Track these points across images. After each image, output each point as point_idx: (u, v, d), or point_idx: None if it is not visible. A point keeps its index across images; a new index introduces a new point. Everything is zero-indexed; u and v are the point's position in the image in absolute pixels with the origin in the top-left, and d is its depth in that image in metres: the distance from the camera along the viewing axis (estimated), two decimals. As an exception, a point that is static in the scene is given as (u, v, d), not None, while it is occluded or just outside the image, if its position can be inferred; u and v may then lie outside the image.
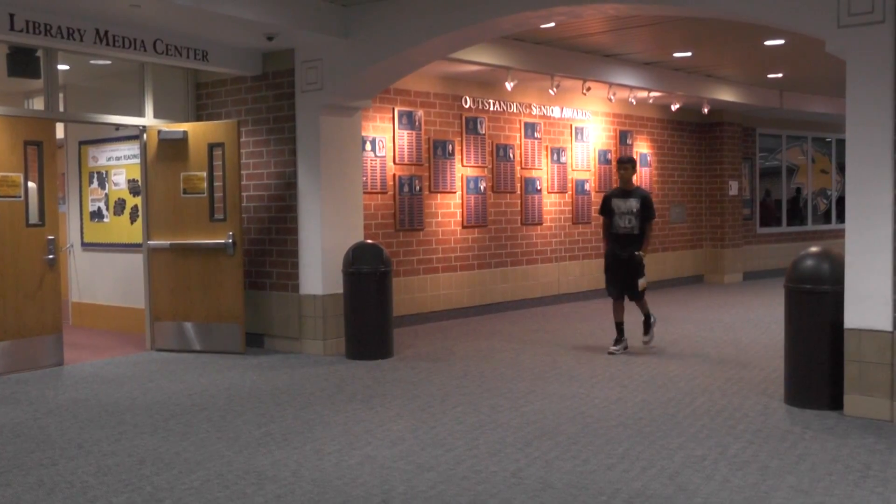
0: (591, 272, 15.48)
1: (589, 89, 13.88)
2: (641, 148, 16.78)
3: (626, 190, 10.22)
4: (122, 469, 5.93)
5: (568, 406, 7.46)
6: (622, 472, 5.64)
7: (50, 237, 9.65)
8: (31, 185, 9.57)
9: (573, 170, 15.18)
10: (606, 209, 10.25)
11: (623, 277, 10.11)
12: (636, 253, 10.00)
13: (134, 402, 7.97)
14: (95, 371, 9.46)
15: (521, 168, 14.20)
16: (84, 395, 8.27)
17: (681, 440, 6.38)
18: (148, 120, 10.60)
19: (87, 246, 12.91)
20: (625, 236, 10.08)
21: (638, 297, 10.17)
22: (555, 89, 13.27)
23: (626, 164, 10.31)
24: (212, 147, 10.31)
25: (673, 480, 5.48)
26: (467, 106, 13.26)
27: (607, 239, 10.32)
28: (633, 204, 10.06)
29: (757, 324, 12.29)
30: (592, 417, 7.07)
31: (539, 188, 14.49)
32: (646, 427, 6.76)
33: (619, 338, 10.17)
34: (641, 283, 10.06)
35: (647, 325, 10.41)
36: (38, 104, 11.11)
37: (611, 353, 9.98)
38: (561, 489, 5.33)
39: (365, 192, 11.34)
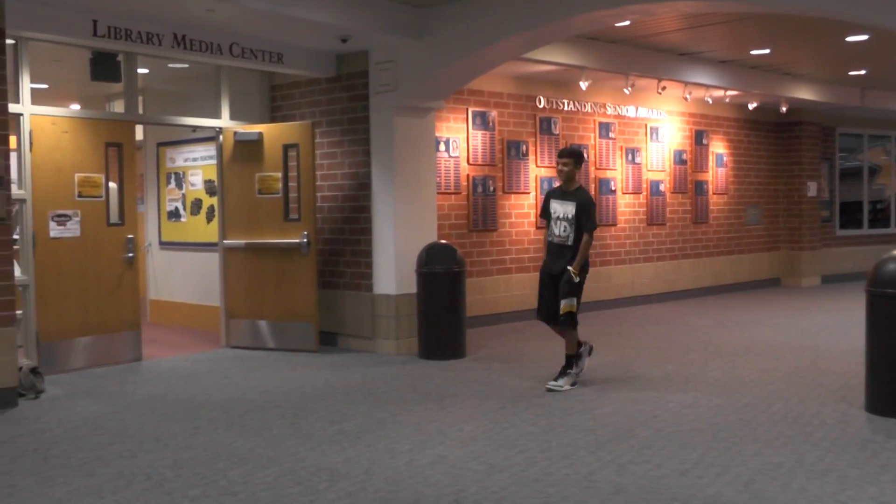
0: (666, 274, 15.34)
1: (664, 88, 13.75)
2: (717, 148, 16.56)
3: (566, 191, 8.45)
4: (198, 463, 6.02)
5: (640, 409, 7.39)
6: (696, 478, 5.57)
7: (129, 236, 9.84)
8: (111, 185, 9.77)
9: (648, 170, 15.03)
10: (545, 212, 8.61)
11: (553, 296, 8.38)
12: (567, 268, 8.27)
13: (209, 397, 8.09)
14: (172, 367, 9.62)
15: (596, 168, 14.10)
16: (161, 390, 8.43)
17: (756, 447, 6.27)
18: (224, 122, 10.75)
19: (164, 245, 13.14)
20: (558, 247, 8.44)
21: (560, 324, 8.31)
22: (629, 88, 13.16)
23: (564, 157, 8.47)
24: (287, 148, 10.42)
25: (748, 488, 5.38)
26: (541, 106, 13.22)
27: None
28: (570, 209, 8.32)
29: (836, 329, 12.03)
30: (665, 422, 6.99)
31: (613, 189, 14.38)
32: (720, 432, 6.65)
33: (563, 369, 8.42)
34: (565, 305, 8.18)
35: (565, 367, 8.35)
36: (118, 107, 11.37)
37: (549, 390, 8.18)
38: (633, 493, 5.28)
39: (438, 193, 11.36)
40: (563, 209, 8.36)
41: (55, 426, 7.12)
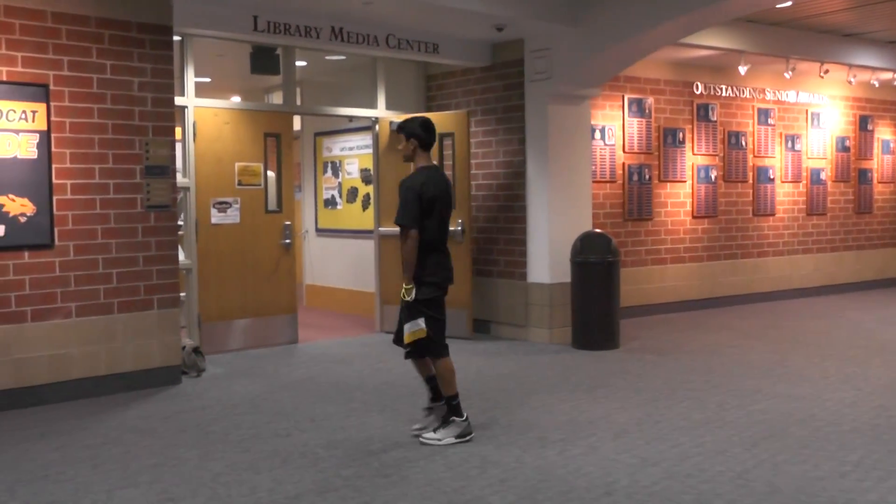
0: (826, 267, 14.83)
1: (827, 72, 13.26)
2: (884, 134, 15.88)
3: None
4: (351, 444, 6.16)
5: (798, 407, 7.16)
6: (856, 482, 5.35)
7: (287, 223, 10.12)
8: (270, 174, 10.06)
9: (808, 158, 14.54)
10: None
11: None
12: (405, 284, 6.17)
13: (363, 381, 8.24)
14: (327, 350, 9.85)
15: (754, 156, 13.74)
16: (316, 373, 8.64)
17: (923, 450, 5.99)
18: (380, 111, 10.91)
19: (320, 232, 13.45)
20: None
21: (408, 353, 6.31)
22: (790, 73, 12.77)
23: (398, 133, 6.44)
24: (442, 137, 10.49)
25: (914, 492, 5.15)
26: (698, 92, 12.95)
27: None
28: None
29: None
30: (824, 421, 6.74)
31: (772, 177, 13.97)
32: (883, 434, 6.37)
33: (432, 399, 6.45)
34: (409, 331, 6.13)
35: (445, 419, 6.27)
36: (276, 99, 11.69)
37: (420, 439, 6.26)
38: (789, 495, 5.11)
39: (594, 181, 11.27)
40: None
41: (215, 403, 7.42)
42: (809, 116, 14.53)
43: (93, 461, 5.86)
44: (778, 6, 10.04)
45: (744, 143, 13.55)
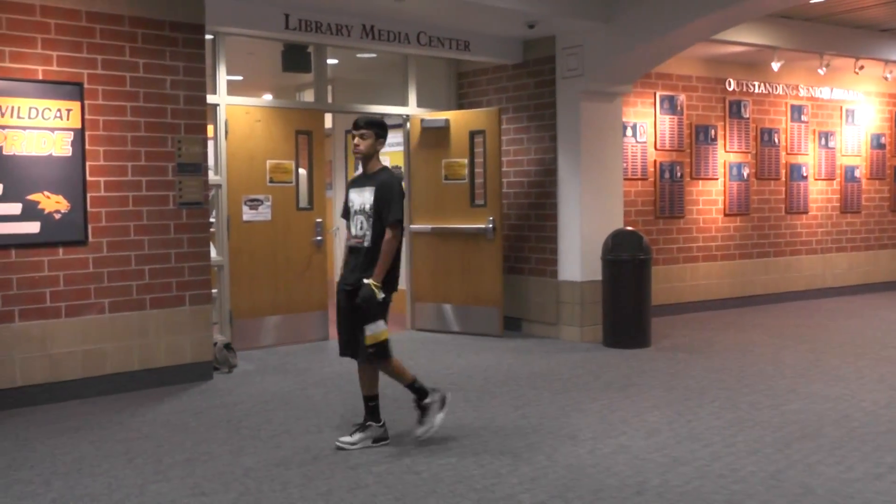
0: (860, 265, 14.69)
1: (862, 68, 13.14)
2: (920, 132, 15.72)
3: (366, 174, 6.32)
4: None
5: (832, 408, 7.09)
6: (891, 484, 5.29)
7: (318, 220, 10.14)
8: (301, 171, 10.09)
9: (842, 155, 14.40)
10: (345, 207, 6.44)
11: (351, 322, 6.25)
12: (364, 282, 6.04)
13: (394, 379, 8.24)
14: (359, 349, 9.84)
15: (787, 153, 13.63)
16: (347, 369, 8.59)
17: (960, 450, 5.92)
18: (411, 109, 10.92)
19: (352, 229, 13.45)
20: (354, 251, 6.28)
21: (368, 359, 6.18)
22: (824, 69, 12.66)
23: (361, 128, 6.18)
24: (473, 134, 10.50)
25: (950, 494, 5.09)
26: (731, 89, 12.86)
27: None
28: (368, 197, 6.15)
29: None
30: (859, 422, 6.67)
31: (805, 175, 13.86)
32: (920, 434, 6.32)
33: (364, 421, 6.21)
34: (371, 332, 5.98)
35: (421, 406, 6.26)
36: (308, 96, 11.71)
37: (339, 447, 6.04)
38: (822, 496, 5.07)
39: (625, 179, 11.23)
40: (361, 199, 6.23)
41: (246, 399, 7.47)
42: (844, 113, 14.40)
43: (126, 455, 5.91)
44: (812, 1, 9.95)
45: (777, 140, 13.44)
